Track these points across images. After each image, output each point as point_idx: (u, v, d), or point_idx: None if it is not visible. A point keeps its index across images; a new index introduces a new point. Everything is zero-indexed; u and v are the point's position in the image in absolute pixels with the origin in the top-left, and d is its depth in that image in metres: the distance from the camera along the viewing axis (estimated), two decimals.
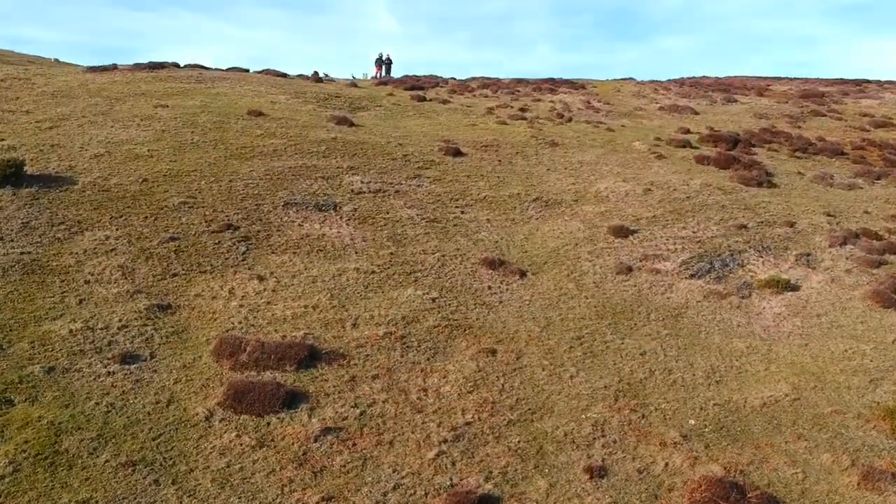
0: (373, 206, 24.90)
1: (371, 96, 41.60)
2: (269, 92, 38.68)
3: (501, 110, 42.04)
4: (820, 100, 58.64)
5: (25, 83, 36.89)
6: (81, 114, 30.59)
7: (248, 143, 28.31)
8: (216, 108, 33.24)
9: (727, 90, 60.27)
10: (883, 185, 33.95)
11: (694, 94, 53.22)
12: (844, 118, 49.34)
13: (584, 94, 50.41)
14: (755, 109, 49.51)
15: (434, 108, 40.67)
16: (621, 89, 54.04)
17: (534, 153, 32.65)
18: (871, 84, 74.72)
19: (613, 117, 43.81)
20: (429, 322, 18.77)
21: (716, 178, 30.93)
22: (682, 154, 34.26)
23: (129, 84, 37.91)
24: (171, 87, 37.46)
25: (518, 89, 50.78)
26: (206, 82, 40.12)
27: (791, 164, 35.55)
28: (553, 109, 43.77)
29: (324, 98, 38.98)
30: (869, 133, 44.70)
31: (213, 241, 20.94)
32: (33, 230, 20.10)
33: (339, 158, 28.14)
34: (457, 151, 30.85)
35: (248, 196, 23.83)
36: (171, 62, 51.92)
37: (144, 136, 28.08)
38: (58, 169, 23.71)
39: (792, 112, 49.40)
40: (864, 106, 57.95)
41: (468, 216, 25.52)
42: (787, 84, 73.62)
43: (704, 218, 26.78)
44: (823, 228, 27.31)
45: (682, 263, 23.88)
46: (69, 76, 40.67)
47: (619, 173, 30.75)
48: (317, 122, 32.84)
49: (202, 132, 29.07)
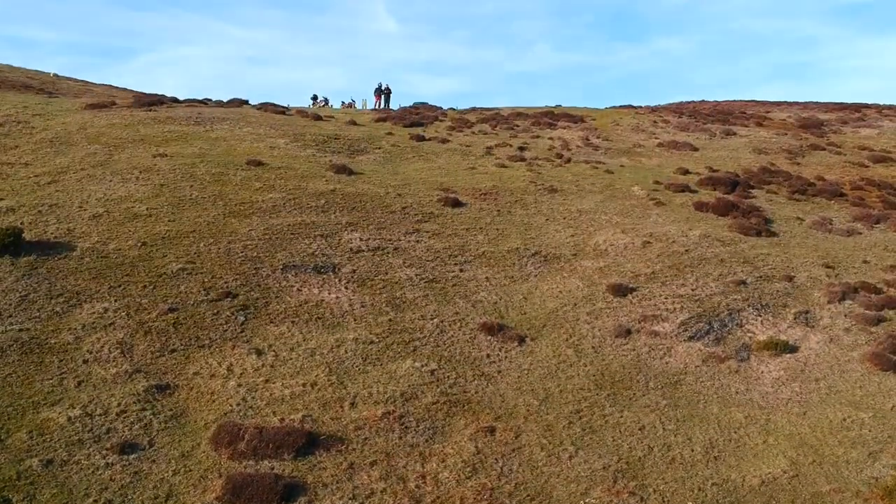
0: (371, 266, 24.93)
1: (370, 137, 41.68)
2: (269, 135, 38.75)
3: (500, 150, 42.12)
4: (819, 130, 58.76)
5: (24, 127, 36.98)
6: (80, 165, 30.65)
7: (247, 197, 28.35)
8: (215, 157, 33.29)
9: (726, 120, 60.35)
10: (882, 229, 33.97)
11: (693, 128, 53.28)
12: (843, 152, 49.43)
13: (582, 128, 50.49)
14: (754, 143, 49.58)
15: (433, 149, 40.73)
16: (620, 122, 54.12)
17: (533, 201, 32.69)
18: (871, 109, 74.90)
19: (612, 155, 43.89)
20: (427, 398, 18.78)
21: (714, 228, 30.96)
22: (680, 200, 34.30)
23: (127, 127, 37.98)
24: (170, 132, 37.53)
25: (517, 124, 50.88)
26: (205, 124, 40.19)
27: (790, 207, 35.59)
28: (552, 148, 43.84)
29: (323, 140, 39.05)
30: (868, 169, 44.78)
31: (211, 312, 20.96)
32: (32, 303, 20.13)
33: (337, 213, 28.18)
34: (456, 202, 30.91)
35: (246, 259, 23.86)
36: (169, 97, 52.10)
37: (143, 191, 28.13)
38: (56, 233, 23.74)
39: (791, 146, 49.47)
40: (863, 137, 58.08)
41: (467, 274, 25.54)
42: (787, 110, 73.84)
43: (703, 273, 26.80)
44: (822, 282, 27.33)
45: (680, 324, 23.89)
46: (68, 116, 40.71)
47: (617, 223, 30.79)
48: (316, 170, 32.88)
49: (201, 186, 29.12)
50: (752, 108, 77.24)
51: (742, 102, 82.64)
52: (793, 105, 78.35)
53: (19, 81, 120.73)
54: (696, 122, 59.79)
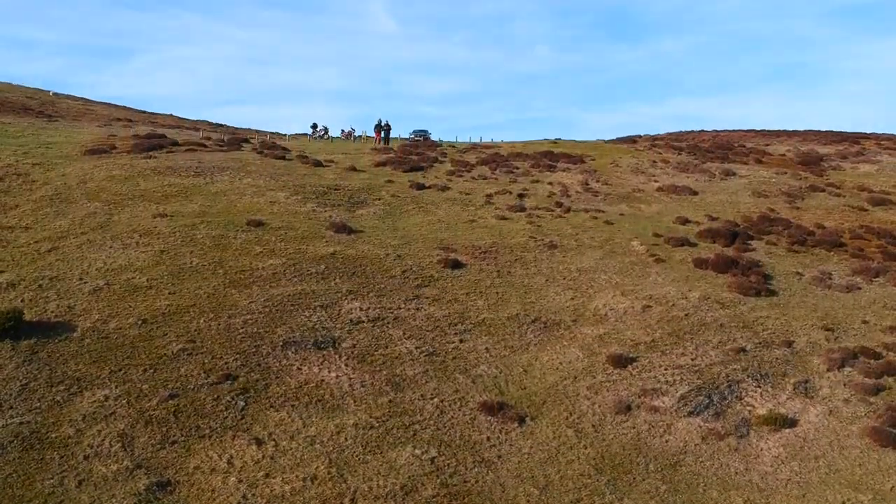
0: (371, 339, 25.01)
1: (370, 186, 41.82)
2: (269, 187, 38.90)
3: (500, 198, 42.27)
4: (818, 167, 58.99)
5: (24, 181, 37.23)
6: (80, 228, 30.81)
7: (248, 264, 28.46)
8: (216, 215, 33.47)
9: (725, 157, 60.56)
10: (881, 283, 34.01)
11: (692, 168, 53.42)
12: (843, 193, 49.55)
13: (581, 170, 50.63)
14: (753, 185, 49.70)
15: (433, 199, 40.87)
16: (619, 163, 54.26)
17: (532, 259, 32.79)
18: (870, 141, 75.17)
19: (612, 201, 44.01)
20: (427, 491, 18.82)
21: (714, 288, 31.01)
22: (680, 255, 34.37)
23: (127, 180, 38.18)
24: (171, 185, 37.70)
25: (516, 166, 51.07)
26: (206, 175, 40.36)
27: (789, 260, 35.65)
28: (551, 195, 43.98)
29: (322, 192, 39.20)
30: (867, 214, 44.89)
31: (212, 397, 21.03)
32: (32, 392, 20.21)
33: (338, 280, 28.29)
34: (456, 263, 31.01)
35: (247, 335, 23.94)
36: (169, 140, 52.23)
37: (143, 258, 28.25)
38: (57, 311, 23.84)
39: (790, 187, 49.61)
40: (863, 174, 58.26)
41: (467, 345, 25.61)
42: (786, 142, 74.09)
43: (703, 341, 26.85)
44: (821, 347, 27.36)
45: (680, 398, 23.93)
46: (68, 166, 41.01)
47: (617, 283, 30.87)
48: (316, 230, 33.02)
49: (201, 251, 29.24)
50: (752, 139, 77.47)
51: (741, 133, 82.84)
52: (792, 136, 78.54)
53: (19, 103, 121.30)
54: (696, 159, 59.96)
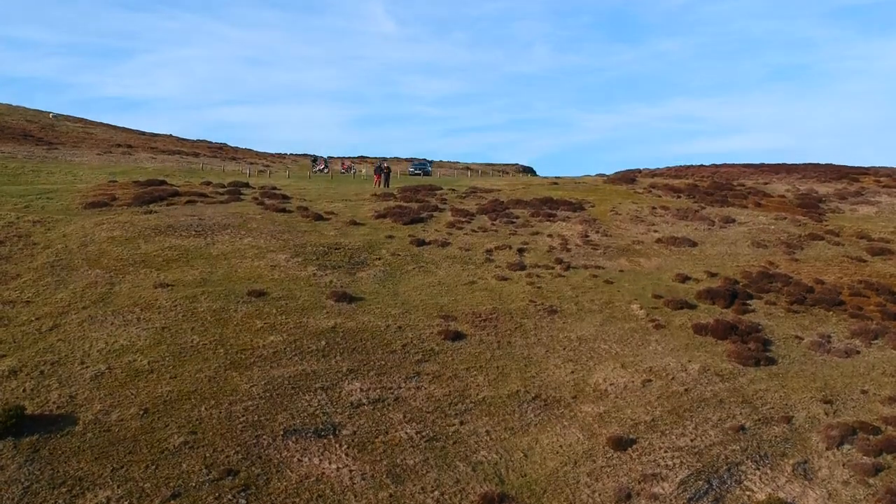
0: (372, 423, 25.10)
1: (370, 244, 42.03)
2: (269, 248, 39.13)
3: (500, 254, 42.48)
4: (817, 211, 59.23)
5: (25, 245, 37.59)
6: (81, 302, 31.05)
7: (248, 342, 28.62)
8: (217, 283, 33.77)
9: (724, 200, 60.81)
10: (880, 346, 34.12)
11: (691, 215, 53.65)
12: (842, 241, 49.73)
13: (581, 219, 50.85)
14: (753, 234, 49.93)
15: (433, 257, 41.07)
16: (619, 209, 54.53)
17: (532, 326, 32.93)
18: (868, 177, 75.48)
19: (611, 255, 44.20)
20: None
21: (713, 358, 31.14)
22: (679, 320, 34.50)
23: (128, 243, 38.46)
24: (171, 247, 37.97)
25: (516, 215, 51.34)
26: (206, 234, 40.61)
27: (788, 322, 35.78)
28: (551, 249, 44.18)
29: (323, 253, 39.42)
30: (867, 265, 45.04)
31: (213, 496, 21.07)
32: (35, 496, 20.27)
33: (338, 358, 28.43)
34: (456, 334, 31.16)
35: (248, 424, 24.04)
36: (170, 190, 52.53)
37: (144, 336, 28.42)
38: (58, 402, 23.97)
39: (790, 236, 49.82)
40: (862, 217, 58.51)
41: (467, 427, 25.69)
42: (785, 180, 74.44)
43: (702, 419, 26.94)
44: (820, 422, 27.45)
45: (680, 484, 23.98)
46: (69, 224, 41.45)
47: (617, 354, 30.99)
48: (316, 299, 33.20)
49: (202, 327, 29.40)
50: (751, 175, 77.78)
51: (740, 168, 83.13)
52: (791, 172, 78.84)
53: (19, 127, 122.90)
54: (695, 202, 60.24)
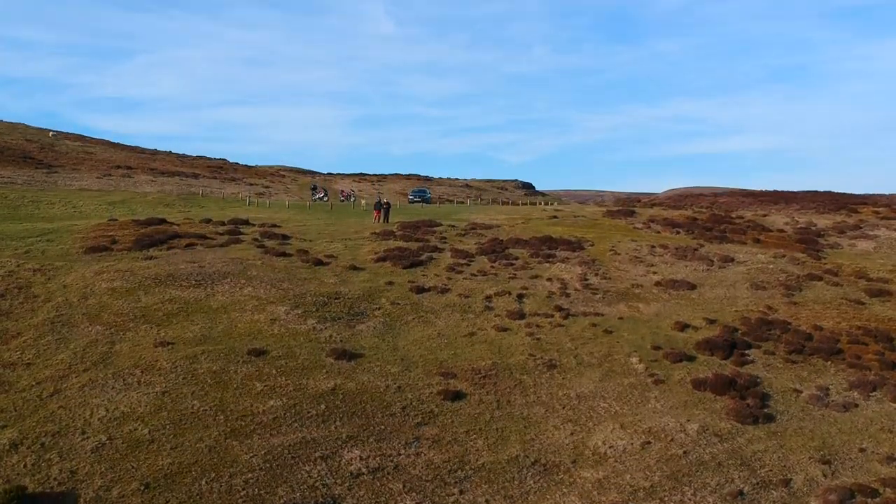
0: (371, 496, 25.14)
1: (370, 292, 42.19)
2: (270, 299, 39.30)
3: (500, 301, 42.65)
4: (815, 247, 59.46)
5: (26, 297, 37.77)
6: (82, 364, 31.19)
7: (248, 407, 28.73)
8: (216, 341, 33.98)
9: (723, 235, 61.06)
10: (878, 398, 34.22)
11: (690, 255, 53.85)
12: (840, 282, 49.89)
13: (580, 260, 51.09)
14: (752, 274, 50.14)
15: (432, 306, 41.22)
16: (618, 248, 54.77)
17: (532, 384, 33.05)
18: (867, 208, 75.74)
19: (611, 300, 44.35)
20: None
21: (712, 416, 31.24)
22: (679, 375, 34.62)
23: (128, 294, 38.63)
24: (171, 300, 38.17)
25: (516, 256, 51.58)
26: (206, 283, 40.79)
27: (787, 374, 35.90)
28: (551, 295, 44.33)
29: (323, 303, 39.59)
30: (865, 308, 45.17)
31: None
32: None
33: (337, 423, 28.52)
34: (456, 395, 31.29)
35: (248, 499, 24.09)
36: (170, 231, 52.68)
37: (145, 402, 28.53)
38: (59, 478, 24.03)
39: (788, 276, 50.01)
40: (860, 253, 58.74)
41: (466, 497, 25.74)
42: (784, 211, 74.70)
43: (701, 485, 26.99)
44: (819, 484, 27.53)
45: None
46: (69, 273, 41.59)
47: (616, 414, 31.09)
48: (316, 356, 33.37)
49: (202, 391, 29.53)
50: (750, 206, 78.14)
51: (739, 198, 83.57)
52: (790, 202, 79.17)
53: (19, 148, 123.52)
54: (694, 238, 60.49)
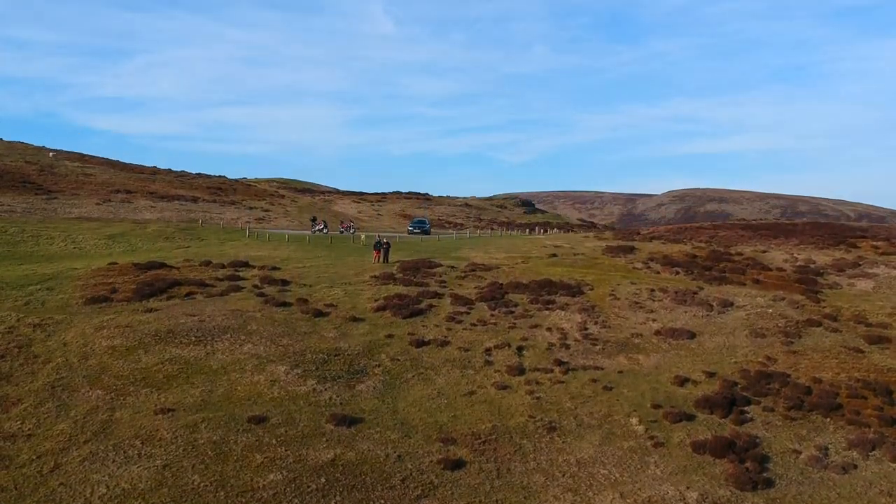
0: None
1: (370, 346, 42.36)
2: (270, 358, 39.47)
3: (499, 354, 42.82)
4: (815, 287, 59.66)
5: (26, 357, 37.95)
6: (82, 434, 31.36)
7: (248, 481, 28.79)
8: (217, 406, 34.21)
9: (723, 275, 61.22)
10: (877, 457, 34.23)
11: (689, 299, 54.03)
12: (840, 327, 50.01)
13: (580, 307, 51.25)
14: (751, 321, 50.30)
15: (432, 361, 41.39)
16: (618, 293, 54.95)
17: (532, 449, 33.11)
18: (866, 242, 75.92)
19: (611, 351, 44.49)
20: None
21: (711, 482, 31.25)
22: (678, 437, 34.66)
23: (129, 353, 38.90)
24: (172, 360, 38.39)
25: (515, 303, 51.78)
26: (206, 340, 41.01)
27: (786, 433, 35.93)
28: (550, 347, 44.48)
29: (323, 361, 39.77)
30: (864, 357, 45.22)
31: None
32: None
33: (338, 498, 28.54)
34: (455, 463, 31.33)
35: None
36: (170, 278, 52.84)
37: (146, 477, 28.61)
38: None
39: (788, 322, 50.16)
40: (859, 294, 58.91)
41: None
42: (784, 246, 75.05)
43: None
44: None
45: None
46: (69, 329, 41.85)
47: (616, 481, 31.12)
48: (316, 423, 33.49)
49: (203, 464, 29.63)
50: (749, 240, 78.44)
51: (739, 231, 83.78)
52: (790, 236, 79.43)
53: (17, 170, 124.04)
54: (693, 279, 60.69)
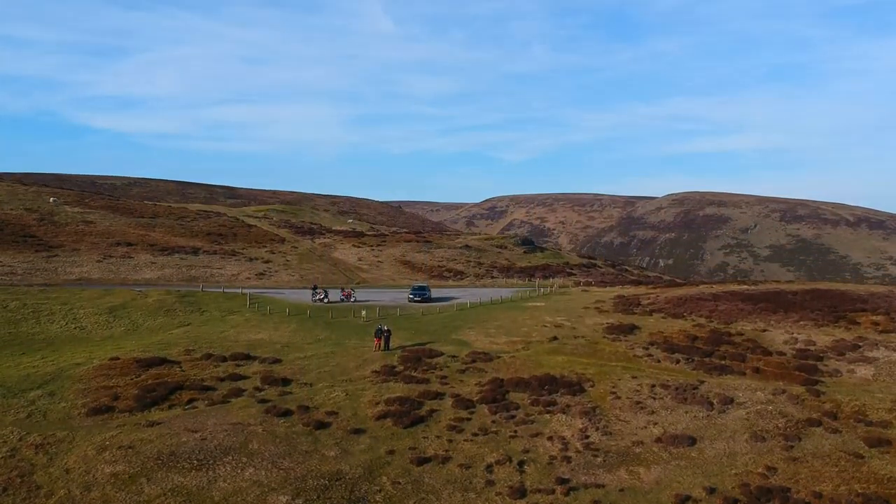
0: None
1: (371, 467, 42.40)
2: (272, 485, 39.58)
3: (501, 471, 42.96)
4: (815, 376, 59.79)
5: (29, 489, 38.08)
6: None
7: None
8: None
9: (722, 363, 61.36)
10: None
11: (690, 396, 54.09)
12: (840, 427, 50.00)
13: (581, 410, 51.30)
14: (751, 421, 50.36)
15: (433, 482, 41.44)
16: (619, 390, 55.08)
17: None
18: (867, 316, 76.10)
19: (612, 464, 44.55)
20: None
21: None
22: None
23: (131, 482, 39.00)
24: (174, 489, 38.51)
25: (516, 404, 51.95)
26: (209, 465, 41.13)
27: None
28: (552, 461, 44.56)
29: (324, 488, 39.83)
30: (864, 463, 45.19)
31: None
32: None
33: None
34: None
35: None
36: (173, 381, 53.04)
37: None
38: None
39: (788, 422, 50.20)
40: (860, 383, 59.11)
41: None
42: (783, 323, 75.35)
43: None
44: None
45: None
46: (71, 452, 42.12)
47: None
48: None
49: None
50: (749, 315, 78.83)
51: (739, 304, 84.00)
52: (789, 311, 79.68)
53: (17, 221, 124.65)
54: (693, 368, 60.85)
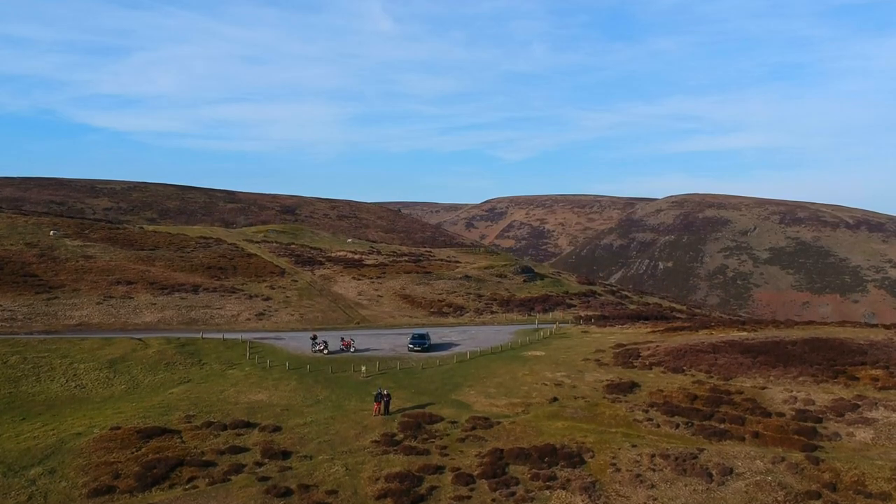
0: None
1: None
2: None
3: None
4: (814, 441, 60.02)
5: None
6: None
7: None
8: None
9: (722, 429, 61.61)
10: None
11: (689, 466, 54.17)
12: (839, 499, 50.13)
13: (581, 484, 51.43)
14: (750, 494, 50.43)
15: None
16: (619, 461, 55.22)
17: None
18: (866, 371, 76.31)
19: None
20: None
21: None
22: None
23: None
24: None
25: (517, 480, 52.14)
26: None
27: None
28: None
29: None
30: None
31: None
32: None
33: None
34: None
35: None
36: (174, 456, 53.17)
37: None
38: None
39: (787, 493, 50.33)
40: (859, 448, 59.25)
41: None
42: (781, 379, 75.54)
43: None
44: None
45: None
46: None
47: None
48: None
49: None
50: (748, 370, 79.03)
51: (738, 358, 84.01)
52: (788, 366, 79.82)
53: (17, 257, 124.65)
54: (693, 433, 60.99)
